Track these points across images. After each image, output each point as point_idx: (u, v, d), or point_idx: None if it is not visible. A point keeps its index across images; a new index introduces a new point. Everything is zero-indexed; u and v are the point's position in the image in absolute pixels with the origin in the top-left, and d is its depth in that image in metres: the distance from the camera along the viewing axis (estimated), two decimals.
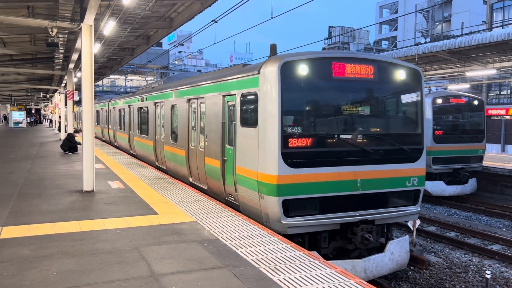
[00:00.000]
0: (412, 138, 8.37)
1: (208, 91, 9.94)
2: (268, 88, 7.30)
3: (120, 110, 22.01)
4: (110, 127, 25.70)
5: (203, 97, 10.27)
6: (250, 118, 7.93)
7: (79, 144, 18.70)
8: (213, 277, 4.78)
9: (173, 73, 65.19)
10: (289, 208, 7.17)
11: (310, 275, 4.91)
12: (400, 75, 8.16)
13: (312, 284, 4.68)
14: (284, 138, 7.13)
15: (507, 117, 32.08)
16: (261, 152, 7.37)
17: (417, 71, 8.42)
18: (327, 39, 59.41)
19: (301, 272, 4.98)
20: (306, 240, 7.61)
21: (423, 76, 8.60)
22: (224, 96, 9.05)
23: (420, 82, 8.44)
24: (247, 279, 4.73)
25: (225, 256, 5.47)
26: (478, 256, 10.52)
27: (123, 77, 61.45)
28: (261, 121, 7.39)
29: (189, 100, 11.29)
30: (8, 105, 57.80)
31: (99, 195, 9.31)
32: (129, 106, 19.48)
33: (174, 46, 26.30)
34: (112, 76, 57.92)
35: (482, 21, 47.96)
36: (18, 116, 52.92)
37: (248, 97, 8.01)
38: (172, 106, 12.77)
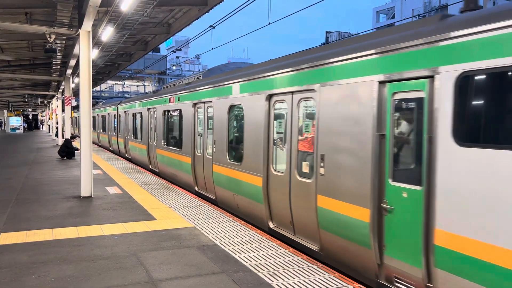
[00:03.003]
0: None
1: (330, 78, 5.83)
2: None
3: (134, 114, 18.17)
4: (120, 135, 21.55)
5: (311, 90, 6.27)
6: (502, 129, 3.84)
7: (76, 149, 18.69)
8: (212, 283, 4.78)
9: (171, 79, 65.32)
10: None
11: (309, 280, 4.91)
12: None
13: None
14: None
15: None
16: None
17: None
18: (324, 44, 59.70)
19: (299, 277, 4.98)
20: None
21: None
22: (384, 83, 4.98)
23: None
24: (245, 284, 4.73)
25: (224, 261, 5.47)
26: None
27: (121, 82, 61.50)
28: None
29: (270, 96, 7.41)
30: (5, 111, 57.74)
31: (96, 200, 9.29)
32: (148, 109, 15.71)
33: (171, 51, 26.42)
34: (109, 82, 57.96)
35: None
36: (15, 122, 52.84)
37: (493, 80, 3.93)
38: (231, 108, 8.95)
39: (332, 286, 4.74)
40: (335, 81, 5.76)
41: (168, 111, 13.39)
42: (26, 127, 60.32)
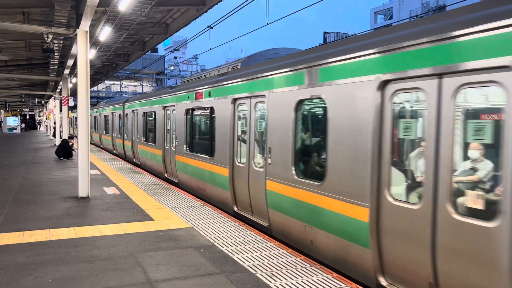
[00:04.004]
0: None
1: None
2: None
3: (145, 114, 15.79)
4: (126, 137, 19.18)
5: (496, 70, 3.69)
6: None
7: (73, 150, 18.63)
8: (210, 283, 4.76)
9: (169, 79, 65.22)
10: None
11: (307, 280, 4.90)
12: None
13: None
14: None
15: None
16: None
17: None
18: (322, 45, 59.67)
19: (297, 278, 4.97)
20: None
21: None
22: None
23: None
24: (243, 285, 4.71)
25: (222, 262, 5.45)
26: None
27: (118, 82, 61.48)
28: None
29: (385, 83, 4.84)
30: (2, 111, 57.68)
31: (94, 201, 9.27)
32: (164, 107, 13.37)
33: (169, 51, 26.42)
34: (107, 82, 57.92)
35: None
36: (12, 122, 52.77)
37: None
38: (300, 103, 6.39)
39: (330, 287, 4.73)
40: None
41: (193, 109, 10.91)
42: (24, 127, 60.24)
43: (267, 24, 14.06)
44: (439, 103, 4.21)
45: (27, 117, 69.99)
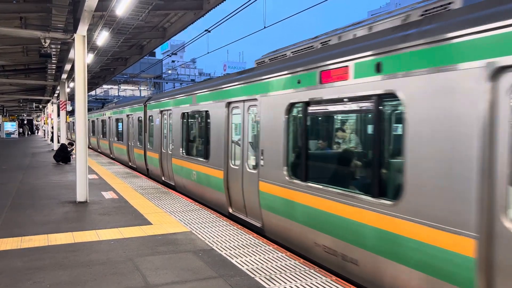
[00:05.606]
0: None
1: None
2: None
3: (186, 115, 11.48)
4: (150, 147, 14.79)
5: None
6: None
7: (72, 155, 18.59)
8: (208, 287, 4.76)
9: (166, 83, 65.21)
10: None
11: (306, 284, 4.90)
12: None
13: None
14: None
15: None
16: None
17: None
18: None
19: (296, 281, 4.97)
20: None
21: None
22: None
23: None
24: None
25: (220, 266, 5.45)
26: None
27: (116, 86, 61.45)
28: None
29: None
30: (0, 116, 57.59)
31: (92, 205, 9.25)
32: (229, 104, 8.69)
33: (167, 55, 26.43)
34: (105, 86, 57.85)
35: None
36: (10, 127, 52.69)
37: None
38: None
39: None
40: None
41: (308, 103, 6.13)
42: (23, 132, 60.01)
43: (265, 27, 14.09)
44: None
45: (25, 121, 69.83)
